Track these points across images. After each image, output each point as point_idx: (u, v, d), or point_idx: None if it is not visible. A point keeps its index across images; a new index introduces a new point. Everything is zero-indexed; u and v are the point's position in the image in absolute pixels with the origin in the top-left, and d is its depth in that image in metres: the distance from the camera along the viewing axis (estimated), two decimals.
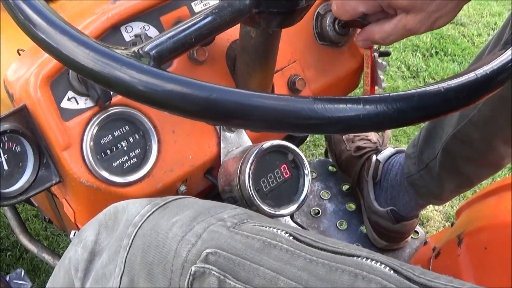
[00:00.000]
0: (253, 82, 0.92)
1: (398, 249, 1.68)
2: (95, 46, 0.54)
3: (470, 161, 1.44)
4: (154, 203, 0.78)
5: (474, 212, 1.30)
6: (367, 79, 1.08)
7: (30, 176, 0.82)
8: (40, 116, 0.81)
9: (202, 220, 0.73)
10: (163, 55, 0.59)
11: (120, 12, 0.86)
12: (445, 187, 1.53)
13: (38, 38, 0.56)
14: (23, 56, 0.88)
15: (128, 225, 0.76)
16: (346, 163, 1.74)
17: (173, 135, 0.88)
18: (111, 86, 0.53)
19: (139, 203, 0.79)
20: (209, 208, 0.76)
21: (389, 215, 1.58)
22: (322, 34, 1.05)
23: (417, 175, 1.54)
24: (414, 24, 0.92)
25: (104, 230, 0.81)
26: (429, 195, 1.56)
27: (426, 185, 1.53)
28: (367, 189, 1.65)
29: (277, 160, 0.87)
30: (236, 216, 0.74)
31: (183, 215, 0.74)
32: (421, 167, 1.53)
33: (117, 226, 0.79)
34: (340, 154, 1.77)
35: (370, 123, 0.54)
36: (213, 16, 0.66)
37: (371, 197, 1.64)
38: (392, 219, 1.58)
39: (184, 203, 0.78)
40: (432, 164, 1.49)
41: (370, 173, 1.64)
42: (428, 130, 1.52)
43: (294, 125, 0.52)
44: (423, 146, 1.53)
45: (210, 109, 0.51)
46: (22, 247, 1.90)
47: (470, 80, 0.59)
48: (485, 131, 1.36)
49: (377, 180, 1.64)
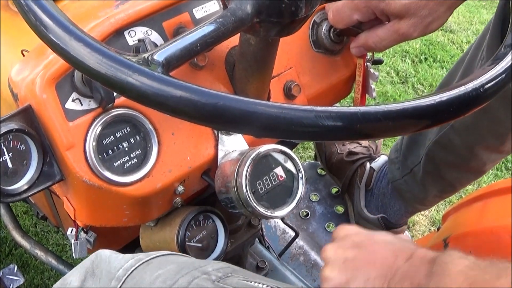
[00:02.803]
0: (250, 88, 0.94)
1: None
2: (108, 52, 0.57)
3: (453, 167, 1.47)
4: (137, 258, 0.79)
5: (460, 217, 1.33)
6: (358, 87, 1.11)
7: (34, 174, 0.84)
8: (45, 116, 0.82)
9: (186, 273, 0.73)
10: (171, 62, 0.62)
11: (124, 17, 0.88)
12: (428, 192, 1.55)
13: (53, 43, 0.59)
14: (28, 57, 0.90)
15: (111, 278, 0.76)
16: (337, 166, 1.76)
17: (172, 137, 0.91)
18: (124, 91, 0.56)
19: (121, 256, 0.81)
20: (192, 262, 0.77)
21: (379, 222, 1.61)
22: (318, 42, 1.08)
23: (401, 180, 1.57)
24: (407, 29, 0.94)
25: (90, 278, 0.81)
26: (413, 200, 1.59)
27: (411, 189, 1.56)
28: (358, 196, 1.67)
29: (272, 163, 0.90)
30: (220, 269, 0.75)
31: (166, 269, 0.74)
32: (405, 172, 1.55)
33: (99, 275, 0.79)
34: (330, 157, 1.79)
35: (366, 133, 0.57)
36: (217, 25, 0.68)
37: (361, 204, 1.66)
38: (382, 226, 1.61)
39: (168, 259, 0.79)
40: (416, 169, 1.52)
41: (364, 180, 1.66)
42: (411, 136, 1.54)
43: (296, 132, 0.55)
44: (406, 151, 1.55)
45: (217, 115, 0.54)
46: (11, 243, 1.91)
47: (461, 94, 0.62)
48: (467, 138, 1.39)
49: (370, 187, 1.66)
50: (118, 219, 0.94)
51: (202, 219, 1.01)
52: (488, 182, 2.44)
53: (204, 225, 1.01)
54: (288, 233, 1.69)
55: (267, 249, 1.46)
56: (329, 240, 1.68)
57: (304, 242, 1.67)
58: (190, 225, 0.97)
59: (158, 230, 1.02)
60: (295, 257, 1.63)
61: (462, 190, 2.34)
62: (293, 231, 1.48)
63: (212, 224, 1.02)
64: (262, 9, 0.72)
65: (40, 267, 1.91)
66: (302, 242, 1.67)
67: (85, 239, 1.02)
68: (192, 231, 0.99)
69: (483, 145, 1.39)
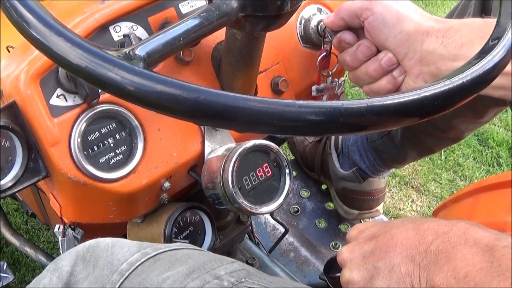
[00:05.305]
0: (237, 83, 0.94)
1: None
2: (88, 47, 0.56)
3: (431, 135, 1.49)
4: (144, 252, 0.75)
5: (451, 214, 1.32)
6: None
7: (18, 171, 0.83)
8: (30, 113, 0.82)
9: (197, 277, 0.70)
10: (153, 57, 0.61)
11: (109, 12, 0.88)
12: (407, 154, 1.58)
13: (33, 38, 0.58)
14: (13, 53, 0.90)
15: (113, 271, 0.73)
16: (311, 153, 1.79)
17: (158, 133, 0.90)
18: (104, 86, 0.55)
19: (127, 247, 0.77)
20: (204, 262, 0.73)
21: (354, 174, 1.63)
22: (306, 37, 1.08)
23: (380, 141, 1.59)
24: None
25: (81, 262, 0.78)
26: (391, 160, 1.61)
27: (389, 150, 1.58)
28: (332, 161, 1.70)
29: (259, 159, 0.89)
30: (234, 273, 0.72)
31: (176, 271, 0.71)
32: (383, 133, 1.57)
33: (95, 262, 0.76)
34: (304, 150, 1.82)
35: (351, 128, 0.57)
36: (201, 20, 0.68)
37: (336, 166, 1.68)
38: (358, 177, 1.63)
39: (177, 256, 0.75)
40: (394, 133, 1.54)
41: (332, 145, 1.69)
42: None
43: (278, 126, 0.55)
44: None
45: (198, 110, 0.54)
46: (1, 241, 1.91)
47: (446, 88, 0.62)
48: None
49: (339, 150, 1.69)
50: (104, 215, 0.93)
51: (189, 215, 1.00)
52: (480, 178, 2.45)
53: (191, 221, 1.01)
54: (278, 229, 1.69)
55: (257, 246, 1.46)
56: (319, 236, 1.70)
57: (295, 239, 1.67)
58: (177, 221, 0.97)
59: (145, 227, 1.01)
60: (285, 253, 1.63)
61: (454, 187, 2.36)
62: (283, 227, 1.47)
63: (199, 220, 1.02)
64: (247, 3, 0.72)
65: (32, 265, 1.90)
66: (292, 238, 1.67)
67: (72, 236, 1.01)
68: (179, 227, 0.98)
69: (461, 118, 1.40)
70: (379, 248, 0.70)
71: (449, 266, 0.61)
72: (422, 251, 0.65)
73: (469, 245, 0.62)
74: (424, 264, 0.64)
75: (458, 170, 2.50)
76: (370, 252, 0.71)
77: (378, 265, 0.68)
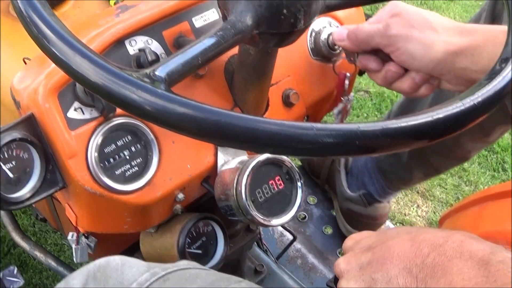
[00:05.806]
0: (250, 96, 0.95)
1: None
2: (111, 69, 0.58)
3: (438, 154, 1.50)
4: (153, 271, 0.76)
5: (457, 222, 1.33)
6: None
7: (36, 182, 0.84)
8: (48, 125, 0.83)
9: None
10: (173, 77, 0.62)
11: (125, 27, 0.89)
12: (413, 175, 1.58)
13: (57, 58, 0.60)
14: (30, 65, 0.90)
15: None
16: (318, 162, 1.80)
17: (173, 146, 0.92)
18: (127, 108, 0.57)
19: (136, 267, 0.78)
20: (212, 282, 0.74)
21: (361, 198, 1.63)
22: (316, 49, 1.09)
23: (386, 162, 1.59)
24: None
25: (91, 281, 0.79)
26: (398, 181, 1.62)
27: (395, 171, 1.59)
28: (340, 179, 1.70)
29: (272, 172, 0.91)
30: None
31: None
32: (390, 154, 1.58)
33: (105, 282, 0.77)
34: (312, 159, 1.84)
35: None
36: (217, 38, 0.69)
37: (344, 185, 1.69)
38: (364, 202, 1.63)
39: (186, 276, 0.76)
40: (401, 153, 1.54)
41: (342, 163, 1.69)
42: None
43: (296, 149, 0.56)
44: None
45: (218, 133, 0.55)
46: (9, 242, 1.92)
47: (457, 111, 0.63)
48: None
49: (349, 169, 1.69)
50: (119, 226, 0.95)
51: (202, 226, 1.02)
52: (485, 183, 2.45)
53: (204, 231, 1.02)
54: (285, 236, 1.70)
55: (265, 253, 1.47)
56: (326, 243, 1.71)
57: (302, 245, 1.69)
58: (190, 232, 0.98)
59: (158, 237, 1.03)
60: (292, 260, 1.65)
61: (460, 192, 2.37)
62: (290, 234, 1.49)
63: (211, 230, 1.03)
64: (261, 21, 0.73)
65: (39, 267, 1.92)
66: (299, 245, 1.69)
67: (86, 244, 1.03)
68: (192, 238, 1.00)
69: (468, 136, 1.41)
70: (375, 260, 0.71)
71: (446, 280, 0.63)
72: (419, 264, 0.66)
73: (464, 258, 0.63)
74: (421, 277, 0.65)
75: (463, 175, 2.50)
76: (367, 263, 0.72)
77: (376, 276, 0.69)
